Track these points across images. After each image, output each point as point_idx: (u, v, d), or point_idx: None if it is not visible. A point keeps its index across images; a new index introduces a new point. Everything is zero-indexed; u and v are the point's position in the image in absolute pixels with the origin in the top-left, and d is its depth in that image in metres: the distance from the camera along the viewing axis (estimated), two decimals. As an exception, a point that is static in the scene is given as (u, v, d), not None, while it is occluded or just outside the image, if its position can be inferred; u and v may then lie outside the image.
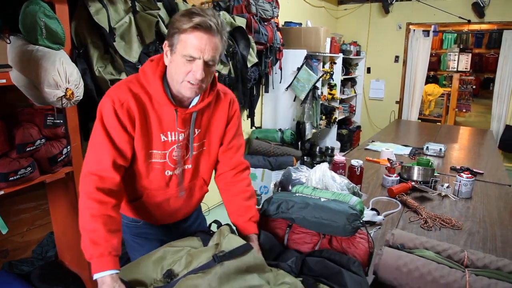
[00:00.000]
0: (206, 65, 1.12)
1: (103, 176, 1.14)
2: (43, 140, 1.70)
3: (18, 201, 2.07)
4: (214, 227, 1.35)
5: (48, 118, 1.72)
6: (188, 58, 1.09)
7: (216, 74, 1.53)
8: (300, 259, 1.20)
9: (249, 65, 3.12)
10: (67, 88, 1.56)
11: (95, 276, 1.04)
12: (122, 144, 1.17)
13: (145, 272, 1.11)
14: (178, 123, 1.22)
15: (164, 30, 2.19)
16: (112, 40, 1.95)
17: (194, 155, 1.31)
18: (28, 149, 1.64)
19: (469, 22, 5.49)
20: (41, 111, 1.71)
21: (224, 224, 1.28)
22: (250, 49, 3.07)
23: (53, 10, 1.58)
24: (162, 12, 2.28)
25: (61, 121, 1.77)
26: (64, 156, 1.80)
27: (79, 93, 1.64)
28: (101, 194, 1.11)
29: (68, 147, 1.82)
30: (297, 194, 1.42)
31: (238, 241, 1.15)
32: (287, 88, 4.14)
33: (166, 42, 1.15)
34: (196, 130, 1.29)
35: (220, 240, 1.17)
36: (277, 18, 3.64)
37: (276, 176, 3.60)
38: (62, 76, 1.53)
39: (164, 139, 1.23)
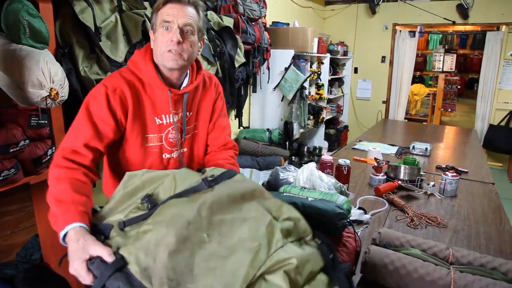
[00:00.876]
0: (183, 32, 1.19)
1: (74, 150, 1.13)
2: (27, 141, 1.68)
3: (1, 203, 2.03)
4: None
5: (32, 118, 1.69)
6: (164, 26, 1.17)
7: (200, 58, 1.58)
8: None
9: (236, 65, 3.11)
10: (51, 88, 1.53)
11: (61, 235, 0.94)
12: (103, 127, 1.18)
13: (118, 207, 0.94)
14: (172, 104, 1.27)
15: (151, 29, 2.17)
16: (98, 40, 1.92)
17: (187, 138, 1.36)
18: (11, 150, 1.61)
19: (453, 23, 5.58)
20: (25, 112, 1.69)
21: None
22: (238, 49, 3.07)
23: (36, 9, 1.56)
24: (149, 12, 2.26)
25: (46, 122, 1.74)
26: (49, 157, 1.78)
27: (64, 93, 1.62)
28: (69, 162, 1.10)
29: (53, 148, 1.79)
30: (284, 194, 1.42)
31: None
32: (274, 88, 4.15)
33: (150, 30, 1.24)
34: (187, 113, 1.34)
35: (206, 171, 1.07)
36: (264, 18, 3.65)
37: (264, 176, 3.60)
38: (47, 75, 1.51)
39: (159, 122, 1.27)
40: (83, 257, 0.84)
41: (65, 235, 0.93)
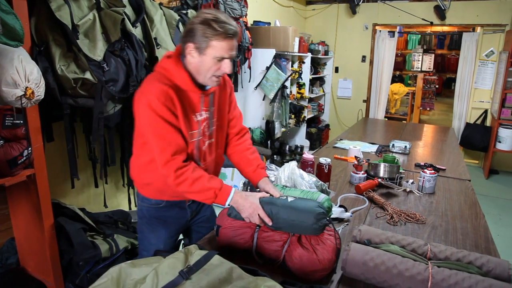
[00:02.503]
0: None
1: (183, 151, 1.41)
2: (1, 141, 1.62)
3: (-25, 206, 1.97)
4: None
5: (7, 118, 1.64)
6: (219, 59, 1.34)
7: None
8: None
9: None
10: (27, 87, 1.49)
11: (228, 202, 1.37)
12: (177, 124, 1.40)
13: None
14: (204, 104, 1.48)
15: (130, 28, 2.14)
16: (75, 38, 1.88)
17: (214, 130, 1.57)
18: (-15, 151, 1.56)
19: (431, 24, 5.69)
20: (-1, 111, 1.64)
21: (192, 244, 1.26)
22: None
23: (10, 5, 1.51)
24: (128, 10, 2.23)
25: (21, 122, 1.70)
26: (25, 158, 1.73)
27: (40, 93, 1.57)
28: (186, 162, 1.40)
29: (29, 148, 1.74)
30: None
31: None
32: (256, 87, 4.15)
33: (190, 45, 1.34)
34: (213, 107, 1.55)
35: (188, 258, 1.12)
36: (245, 17, 3.64)
37: (247, 175, 3.59)
38: (21, 74, 1.47)
39: (196, 119, 1.47)
40: (258, 209, 1.33)
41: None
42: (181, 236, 1.81)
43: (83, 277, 1.97)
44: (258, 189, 1.55)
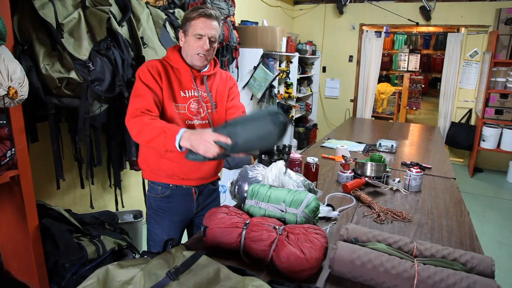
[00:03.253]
0: (209, 40, 1.58)
1: (146, 108, 1.51)
2: (-17, 142, 1.60)
3: (-43, 208, 1.93)
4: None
5: (-11, 118, 1.61)
6: (197, 36, 1.56)
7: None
8: None
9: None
10: (9, 87, 1.47)
11: (177, 140, 1.38)
12: (156, 90, 1.57)
13: None
14: (194, 82, 1.66)
15: (116, 27, 2.12)
16: (60, 37, 1.86)
17: (210, 113, 1.71)
18: (-34, 152, 1.53)
19: (417, 24, 5.76)
20: (-19, 111, 1.61)
21: (180, 244, 1.26)
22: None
23: (-8, 3, 1.49)
24: (114, 9, 2.21)
25: (4, 122, 1.67)
26: (8, 159, 1.70)
27: (23, 92, 1.55)
28: (147, 114, 1.49)
29: (13, 149, 1.71)
30: None
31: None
32: (243, 86, 4.14)
33: (180, 30, 1.63)
34: (207, 93, 1.71)
35: (175, 258, 1.12)
36: (233, 16, 3.64)
37: (234, 175, 3.59)
38: (4, 73, 1.44)
39: (183, 94, 1.64)
40: (211, 136, 1.32)
41: (179, 142, 1.39)
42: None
43: (69, 279, 1.95)
44: None
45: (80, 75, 1.93)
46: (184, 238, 1.84)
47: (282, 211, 1.49)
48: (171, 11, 2.75)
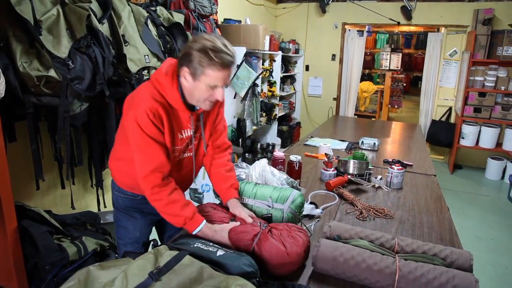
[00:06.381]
0: None
1: (164, 168, 1.41)
2: (-42, 142, 1.55)
3: None
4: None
5: (-36, 118, 1.57)
6: (212, 86, 1.35)
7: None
8: None
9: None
10: (-15, 85, 1.43)
11: (195, 232, 1.39)
12: (162, 141, 1.43)
13: None
14: (193, 123, 1.52)
15: (97, 24, 2.08)
16: (38, 34, 1.81)
17: (195, 143, 1.60)
18: None
19: (398, 24, 5.84)
20: (-45, 110, 1.56)
21: (163, 244, 1.25)
22: (189, 46, 3.02)
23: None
24: (94, 6, 2.17)
25: (-20, 121, 1.62)
26: (-16, 159, 1.65)
27: (0, 91, 1.51)
28: (165, 181, 1.41)
29: (-11, 149, 1.67)
30: (195, 245, 1.27)
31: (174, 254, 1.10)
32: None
33: (185, 68, 1.35)
34: (203, 129, 1.60)
35: (158, 259, 1.10)
36: (216, 15, 3.61)
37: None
38: (-21, 71, 1.40)
39: (180, 136, 1.51)
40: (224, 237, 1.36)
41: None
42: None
43: (49, 281, 1.91)
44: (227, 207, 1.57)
45: (60, 73, 1.89)
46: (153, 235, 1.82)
47: (269, 207, 1.50)
48: (153, 8, 2.72)
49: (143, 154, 1.40)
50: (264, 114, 4.77)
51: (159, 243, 1.32)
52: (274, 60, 5.03)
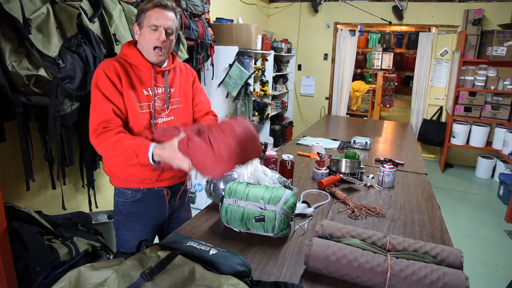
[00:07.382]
0: (166, 32, 1.54)
1: (109, 122, 1.44)
2: None
3: None
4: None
5: (-48, 117, 1.55)
6: (152, 27, 1.50)
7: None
8: None
9: (179, 61, 3.05)
10: (-27, 84, 1.41)
11: (150, 157, 1.38)
12: (116, 99, 1.48)
13: None
14: (155, 78, 1.60)
15: (87, 23, 2.06)
16: (27, 33, 1.79)
17: (173, 109, 1.67)
18: None
19: (390, 23, 5.88)
20: None
21: (154, 244, 1.23)
22: (180, 45, 3.01)
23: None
24: (85, 4, 2.15)
25: (-32, 121, 1.60)
26: (-27, 159, 1.63)
27: (-12, 90, 1.49)
28: (109, 129, 1.44)
29: (-22, 149, 1.65)
30: (188, 244, 1.22)
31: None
32: (219, 84, 4.12)
33: (135, 24, 1.56)
34: (170, 89, 1.68)
35: (149, 259, 1.09)
36: (208, 14, 3.61)
37: (211, 173, 3.57)
38: (-33, 70, 1.38)
39: (146, 93, 1.57)
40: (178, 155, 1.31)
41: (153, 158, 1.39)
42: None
43: (40, 283, 1.89)
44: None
45: (50, 73, 1.87)
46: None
47: (262, 209, 1.49)
48: (179, 16, 2.71)
49: (94, 111, 1.48)
50: (256, 113, 4.77)
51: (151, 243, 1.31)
52: (267, 60, 5.03)
